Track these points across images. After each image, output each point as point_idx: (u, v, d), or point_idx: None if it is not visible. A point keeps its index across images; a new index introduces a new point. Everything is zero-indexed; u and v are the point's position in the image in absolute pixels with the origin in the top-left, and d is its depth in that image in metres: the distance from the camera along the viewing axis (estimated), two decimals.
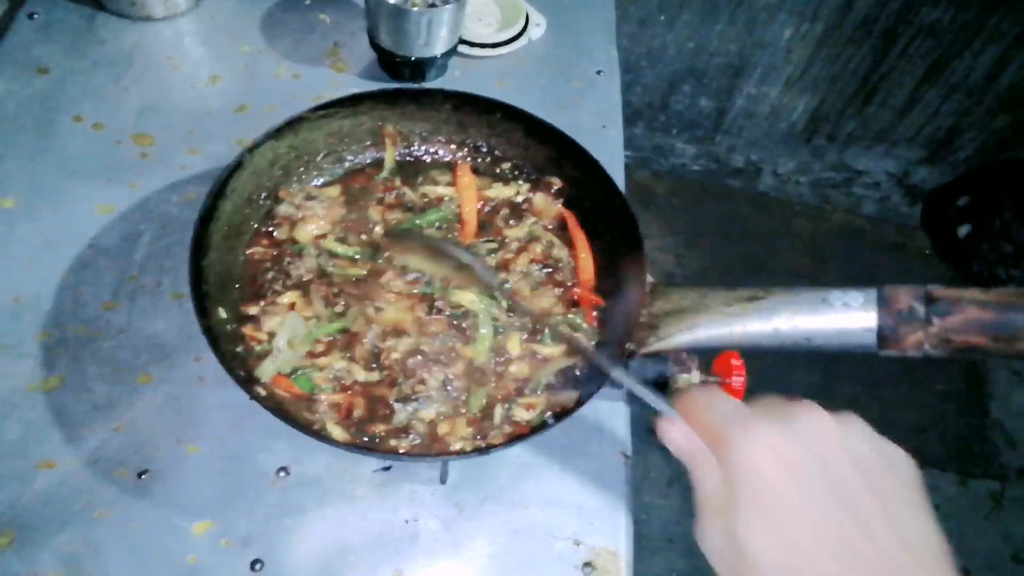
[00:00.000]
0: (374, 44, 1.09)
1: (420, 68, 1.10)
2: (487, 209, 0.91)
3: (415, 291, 0.83)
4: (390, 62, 1.10)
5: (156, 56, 1.11)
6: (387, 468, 0.82)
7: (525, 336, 0.82)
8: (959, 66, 2.14)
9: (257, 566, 0.75)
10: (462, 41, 1.14)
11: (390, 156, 0.93)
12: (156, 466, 0.79)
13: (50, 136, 1.00)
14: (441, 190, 0.91)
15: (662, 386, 0.79)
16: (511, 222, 0.90)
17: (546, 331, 0.82)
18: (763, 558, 0.45)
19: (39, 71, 1.06)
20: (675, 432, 0.53)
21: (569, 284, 0.87)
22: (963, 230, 2.42)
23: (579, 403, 0.75)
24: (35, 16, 1.11)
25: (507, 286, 0.85)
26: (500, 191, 0.92)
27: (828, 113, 2.34)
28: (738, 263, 2.38)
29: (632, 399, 0.89)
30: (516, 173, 0.94)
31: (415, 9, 1.03)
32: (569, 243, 0.90)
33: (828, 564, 0.44)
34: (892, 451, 0.49)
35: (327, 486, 0.81)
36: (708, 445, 0.50)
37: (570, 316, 0.84)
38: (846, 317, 0.67)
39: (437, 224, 0.89)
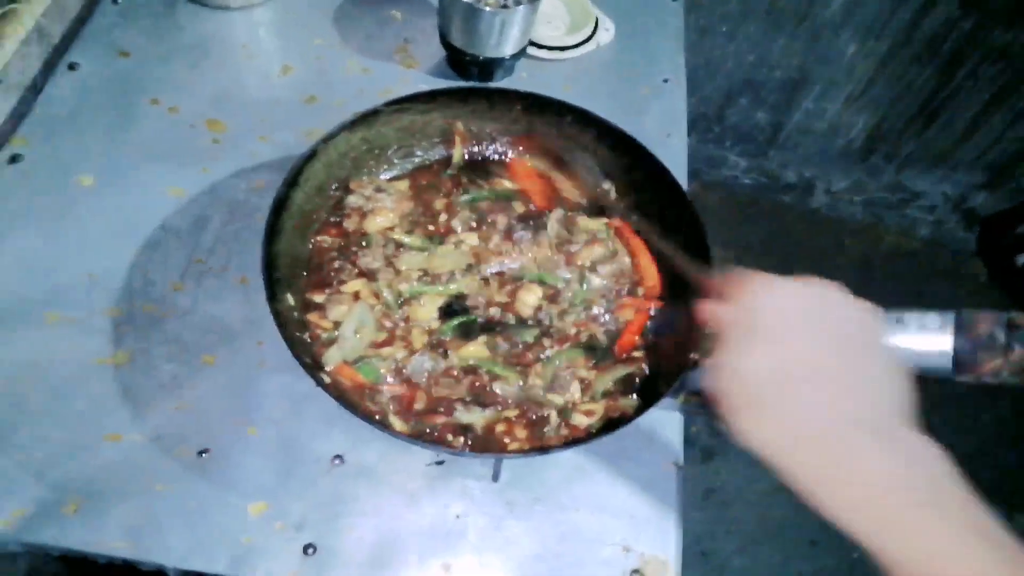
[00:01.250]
0: (445, 42, 1.10)
1: (489, 68, 1.11)
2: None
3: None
4: (459, 61, 1.11)
5: (231, 44, 1.14)
6: (440, 462, 0.82)
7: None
8: None
9: (310, 550, 0.76)
10: (531, 43, 1.14)
11: (458, 154, 0.94)
12: (216, 446, 0.81)
13: (129, 117, 1.03)
14: (508, 185, 0.92)
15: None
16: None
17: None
18: (756, 369, 0.54)
19: (120, 54, 1.09)
20: (713, 305, 0.60)
21: (629, 291, 0.87)
22: (1022, 259, 2.36)
23: (638, 412, 0.74)
24: (117, 2, 1.14)
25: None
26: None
27: (887, 132, 2.29)
28: None
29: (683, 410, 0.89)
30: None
31: (488, 9, 1.04)
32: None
33: (805, 379, 0.54)
34: (872, 314, 0.60)
35: (380, 476, 0.81)
36: (733, 303, 0.58)
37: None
38: (921, 340, 0.66)
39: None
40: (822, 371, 0.54)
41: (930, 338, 0.65)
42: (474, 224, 0.89)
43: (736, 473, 1.99)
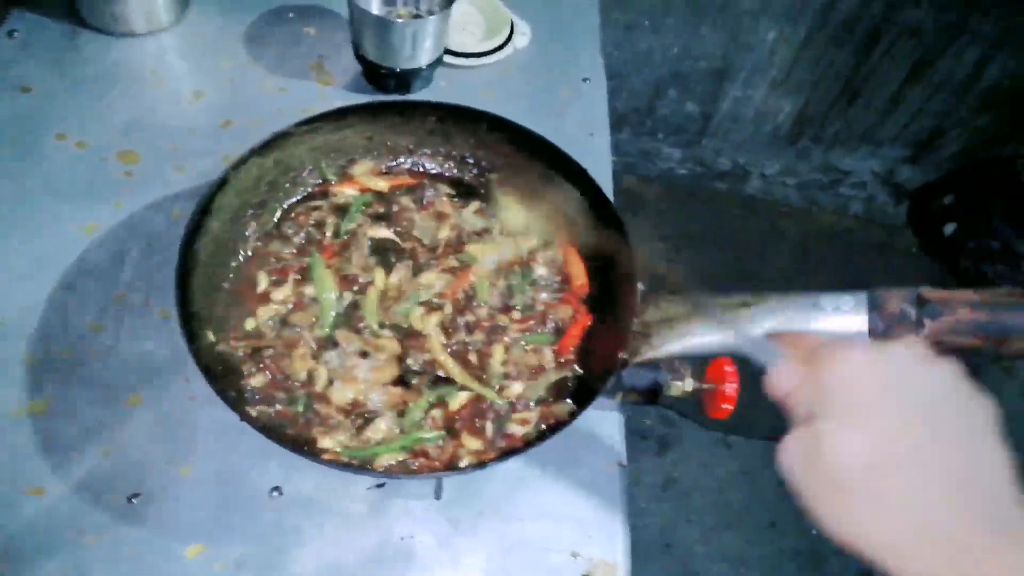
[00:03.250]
0: (359, 56, 1.09)
1: (405, 79, 1.10)
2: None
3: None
4: (375, 74, 1.10)
5: (139, 72, 1.10)
6: (380, 485, 0.81)
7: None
8: (942, 66, 2.16)
9: None
10: (447, 51, 1.14)
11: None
12: (147, 489, 0.78)
13: (34, 155, 0.99)
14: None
15: (654, 394, 0.79)
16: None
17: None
18: (846, 457, 0.47)
19: (22, 90, 1.05)
20: (782, 374, 0.54)
21: (559, 291, 0.87)
22: (949, 228, 2.44)
23: (572, 415, 0.74)
24: (15, 34, 1.10)
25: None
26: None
27: (813, 115, 2.35)
28: (727, 266, 2.39)
29: (623, 409, 0.89)
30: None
31: (400, 20, 1.03)
32: None
33: (905, 463, 0.47)
34: (974, 392, 0.51)
35: (321, 505, 0.80)
36: (805, 367, 0.52)
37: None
38: (838, 321, 0.67)
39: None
40: (919, 452, 0.47)
41: (845, 319, 0.67)
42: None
43: (693, 462, 2.01)
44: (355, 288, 0.84)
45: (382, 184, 0.92)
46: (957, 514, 0.45)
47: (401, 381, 0.80)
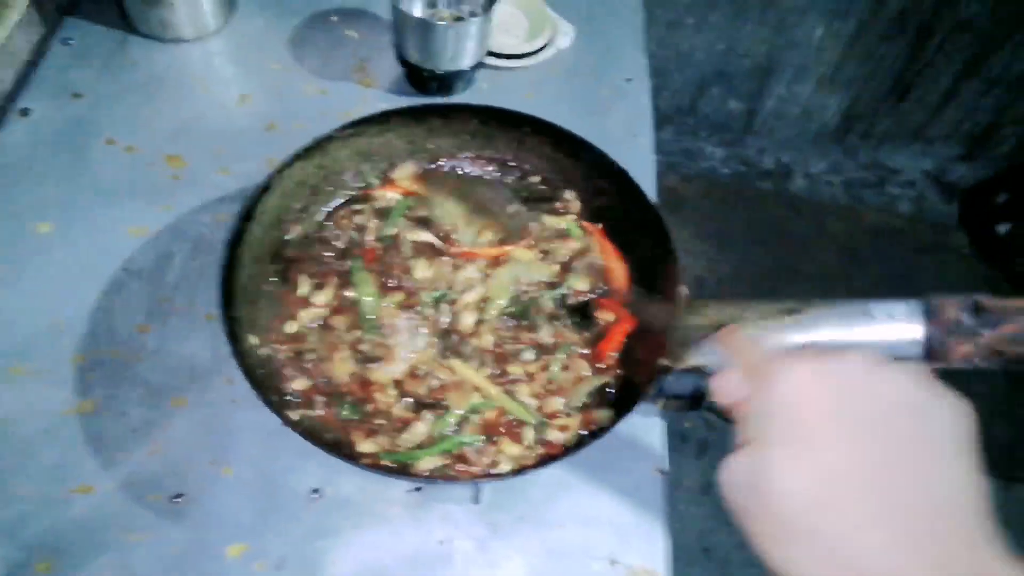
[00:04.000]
0: (401, 59, 1.09)
1: (448, 82, 1.10)
2: None
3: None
4: (417, 76, 1.10)
5: (186, 77, 1.12)
6: (419, 488, 0.81)
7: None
8: (997, 60, 2.09)
9: None
10: (490, 53, 1.13)
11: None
12: (190, 489, 0.79)
13: (85, 160, 1.01)
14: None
15: (698, 400, 0.77)
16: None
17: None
18: (786, 489, 0.44)
19: (74, 96, 1.07)
20: (725, 381, 0.52)
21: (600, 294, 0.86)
22: (1003, 228, 2.36)
23: (613, 422, 0.73)
24: (69, 42, 1.12)
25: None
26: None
27: (861, 112, 2.29)
28: (770, 266, 2.34)
29: (665, 414, 0.88)
30: (544, 187, 0.93)
31: (442, 23, 1.03)
32: None
33: (849, 501, 0.43)
34: (938, 399, 0.47)
35: (360, 507, 0.80)
36: (749, 382, 0.50)
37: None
38: (890, 330, 0.65)
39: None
40: (869, 486, 0.43)
41: (899, 327, 0.64)
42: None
43: None
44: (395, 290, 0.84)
45: (423, 188, 0.91)
46: (906, 562, 0.41)
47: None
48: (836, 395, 0.46)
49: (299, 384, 0.78)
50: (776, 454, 0.45)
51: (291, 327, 0.81)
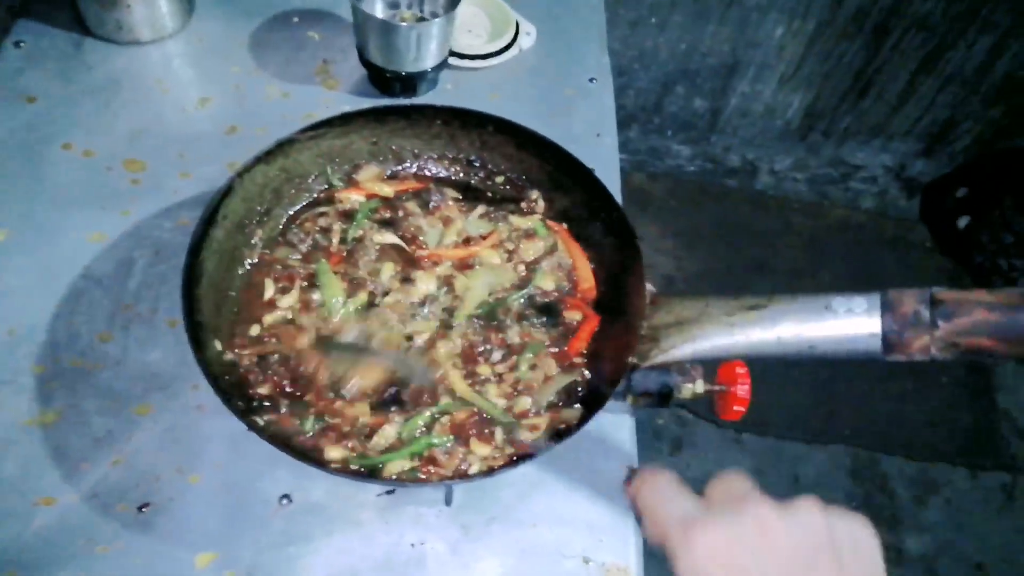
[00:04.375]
0: (364, 60, 1.08)
1: (411, 83, 1.09)
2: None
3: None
4: (380, 78, 1.09)
5: (145, 80, 1.10)
6: (391, 491, 0.81)
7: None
8: (953, 57, 2.13)
9: None
10: (452, 53, 1.13)
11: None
12: (157, 498, 0.78)
13: (40, 166, 0.99)
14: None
15: (666, 397, 0.78)
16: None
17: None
18: None
19: (27, 99, 1.05)
20: (649, 531, 0.54)
21: (566, 292, 0.86)
22: (963, 222, 2.41)
23: (582, 421, 0.74)
24: (21, 44, 1.10)
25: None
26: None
27: (823, 109, 2.33)
28: (738, 263, 2.37)
29: (635, 411, 0.88)
30: (508, 187, 0.94)
31: (404, 24, 1.03)
32: None
33: None
34: (846, 528, 0.50)
35: (331, 512, 0.79)
36: (661, 542, 0.52)
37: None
38: (850, 323, 0.66)
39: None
40: None
41: (858, 321, 0.65)
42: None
43: (707, 462, 2.00)
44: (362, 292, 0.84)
45: (388, 189, 0.91)
46: None
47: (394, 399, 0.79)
48: (743, 560, 0.48)
49: (265, 389, 0.77)
50: None
51: (255, 330, 0.81)
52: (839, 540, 0.49)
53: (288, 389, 0.77)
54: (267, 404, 0.76)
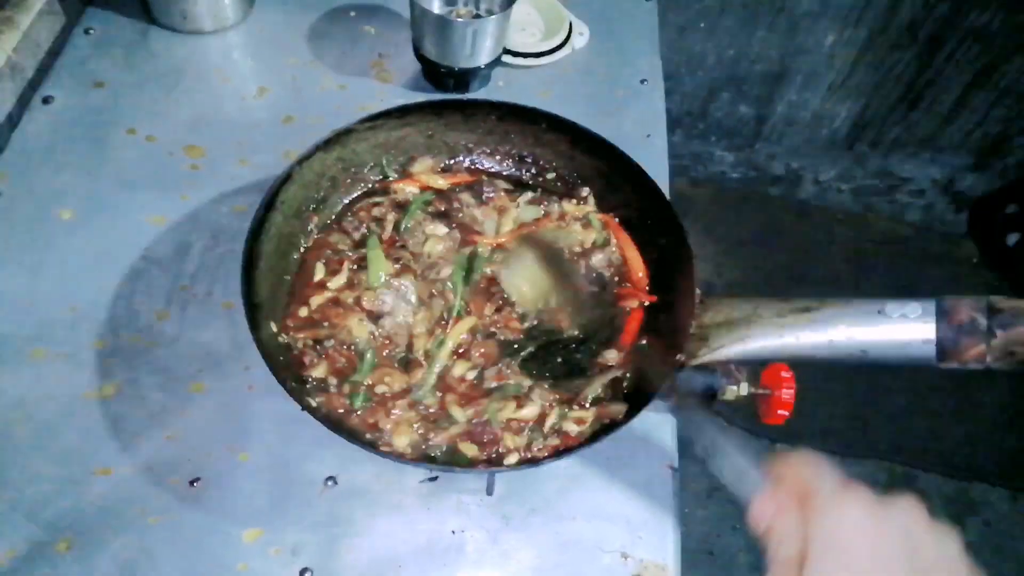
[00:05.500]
0: (419, 55, 1.10)
1: (464, 78, 1.11)
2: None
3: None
4: (434, 73, 1.11)
5: (206, 69, 1.14)
6: (434, 478, 0.82)
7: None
8: (1008, 70, 2.09)
9: (306, 575, 0.76)
10: (506, 51, 1.14)
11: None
12: (207, 474, 0.80)
13: (105, 149, 1.03)
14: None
15: (711, 398, 0.78)
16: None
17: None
18: None
19: (95, 85, 1.08)
20: (766, 504, 0.52)
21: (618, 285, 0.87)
22: (1012, 238, 2.36)
23: (628, 416, 0.74)
24: (91, 31, 1.14)
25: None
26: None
27: (871, 119, 2.30)
28: (778, 272, 2.35)
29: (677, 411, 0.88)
30: (559, 183, 0.94)
31: (460, 20, 1.04)
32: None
33: None
34: (934, 544, 0.49)
35: (375, 496, 0.81)
36: (797, 505, 0.50)
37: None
38: (904, 329, 0.66)
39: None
40: None
41: (912, 327, 0.65)
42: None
43: None
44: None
45: (442, 182, 0.93)
46: None
47: None
48: (887, 544, 0.47)
49: (319, 371, 0.79)
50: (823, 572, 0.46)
51: (303, 311, 0.82)
52: (922, 553, 0.48)
53: (342, 367, 0.79)
54: (320, 386, 0.78)
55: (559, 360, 0.83)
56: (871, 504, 0.49)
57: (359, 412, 0.77)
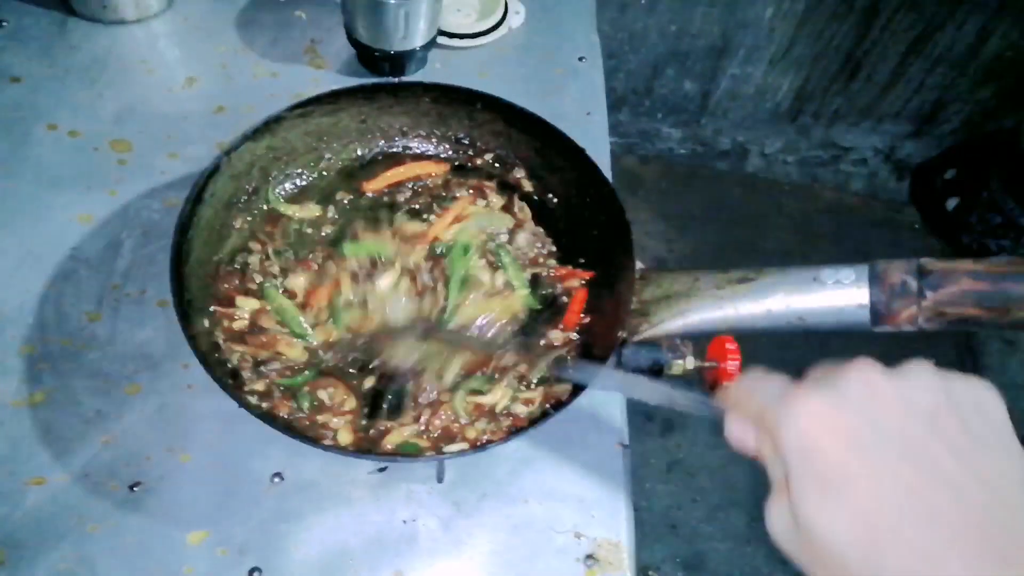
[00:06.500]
0: (352, 39, 1.08)
1: (399, 61, 1.08)
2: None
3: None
4: (369, 57, 1.09)
5: (130, 60, 1.09)
6: (382, 469, 0.81)
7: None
8: (942, 38, 2.13)
9: (255, 574, 0.74)
10: (441, 32, 1.12)
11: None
12: (148, 477, 0.78)
13: (25, 146, 0.98)
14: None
15: (656, 373, 0.78)
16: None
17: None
18: (834, 537, 0.39)
19: (11, 80, 1.04)
20: (738, 428, 0.48)
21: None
22: (951, 203, 2.42)
23: (574, 394, 0.74)
24: (4, 24, 1.09)
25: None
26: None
27: (813, 91, 2.33)
28: (728, 245, 2.38)
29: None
30: (497, 165, 0.93)
31: (392, 2, 1.02)
32: None
33: (910, 531, 0.38)
34: (964, 389, 0.43)
35: (323, 490, 0.80)
36: (761, 432, 0.46)
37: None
38: (839, 295, 0.67)
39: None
40: (935, 505, 0.38)
41: (847, 292, 0.66)
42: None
43: (697, 443, 2.01)
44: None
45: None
46: None
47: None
48: (852, 424, 0.41)
49: (258, 386, 0.77)
50: (808, 502, 0.41)
51: (237, 324, 0.80)
52: (960, 401, 0.42)
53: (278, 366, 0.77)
54: (256, 381, 0.76)
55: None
56: (820, 391, 0.43)
57: (305, 412, 0.75)
